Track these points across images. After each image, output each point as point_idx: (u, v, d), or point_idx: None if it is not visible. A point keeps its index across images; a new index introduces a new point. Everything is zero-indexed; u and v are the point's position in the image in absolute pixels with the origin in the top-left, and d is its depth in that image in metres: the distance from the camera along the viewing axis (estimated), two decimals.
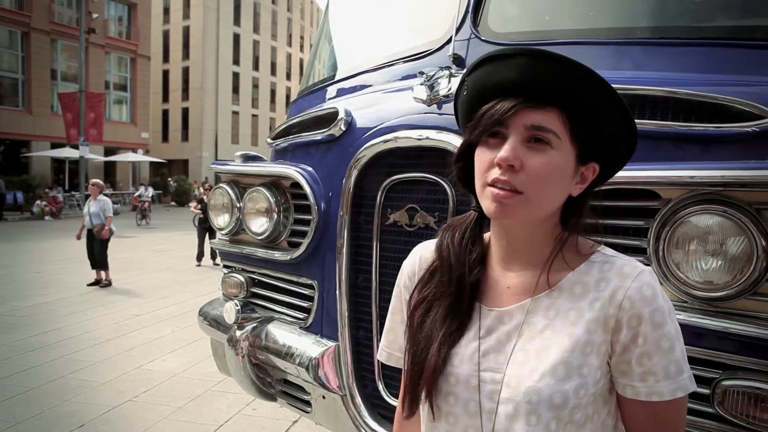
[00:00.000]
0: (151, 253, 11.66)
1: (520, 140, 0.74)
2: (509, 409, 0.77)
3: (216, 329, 2.32)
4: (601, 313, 0.76)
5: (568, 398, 0.74)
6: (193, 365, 4.54)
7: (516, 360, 0.78)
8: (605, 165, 0.82)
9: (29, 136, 26.45)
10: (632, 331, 0.75)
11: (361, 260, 1.84)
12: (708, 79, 1.38)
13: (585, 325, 0.76)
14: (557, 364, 0.75)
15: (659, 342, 0.75)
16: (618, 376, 0.78)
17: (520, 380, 0.76)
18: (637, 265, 0.79)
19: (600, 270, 0.79)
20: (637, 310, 0.75)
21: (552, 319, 0.79)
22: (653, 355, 0.74)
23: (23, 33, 26.30)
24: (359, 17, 2.56)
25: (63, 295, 7.25)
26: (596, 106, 0.76)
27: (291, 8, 50.10)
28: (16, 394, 3.85)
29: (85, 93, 20.81)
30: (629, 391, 0.77)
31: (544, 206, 0.77)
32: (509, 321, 0.81)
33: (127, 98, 32.30)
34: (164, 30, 41.17)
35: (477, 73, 0.80)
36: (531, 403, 0.75)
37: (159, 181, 32.01)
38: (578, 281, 0.80)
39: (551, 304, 0.80)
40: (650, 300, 0.75)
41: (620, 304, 0.75)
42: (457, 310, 0.84)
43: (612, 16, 1.68)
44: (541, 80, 0.74)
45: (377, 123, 1.80)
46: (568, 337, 0.76)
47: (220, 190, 2.29)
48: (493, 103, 0.76)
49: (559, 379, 0.74)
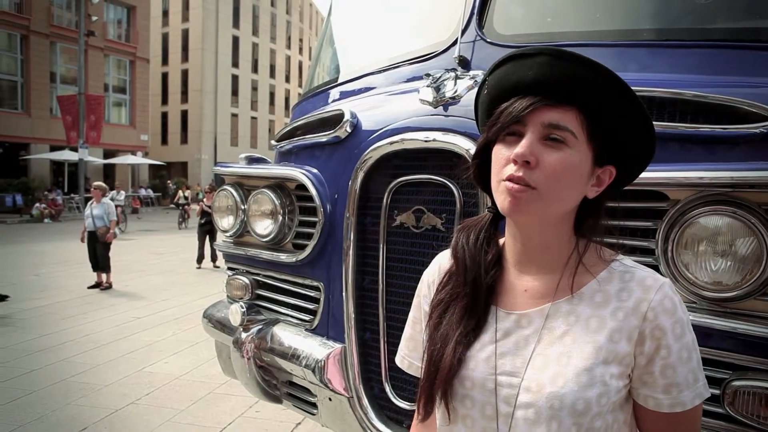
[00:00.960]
0: (151, 255, 11.65)
1: (537, 138, 0.74)
2: (529, 414, 0.76)
3: (221, 331, 2.31)
4: (625, 324, 0.77)
5: (591, 405, 0.74)
6: (195, 367, 4.53)
7: (535, 365, 0.78)
8: (622, 169, 0.82)
9: (28, 138, 26.44)
10: (656, 343, 0.76)
11: (368, 262, 1.84)
12: (715, 81, 1.38)
13: (608, 333, 0.77)
14: (581, 371, 0.75)
15: (680, 353, 0.76)
16: (639, 387, 0.78)
17: (541, 385, 0.76)
18: (658, 277, 0.80)
19: (621, 279, 0.80)
20: (660, 322, 0.75)
21: (572, 325, 0.79)
22: (677, 366, 0.76)
23: (22, 36, 26.30)
24: (363, 19, 2.56)
25: (63, 297, 7.24)
26: (615, 109, 0.76)
27: (290, 11, 50.16)
28: (18, 396, 3.84)
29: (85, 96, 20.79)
30: (651, 402, 0.77)
31: (557, 204, 0.77)
32: (528, 325, 0.81)
33: (127, 101, 32.30)
34: (163, 33, 41.20)
35: (498, 72, 0.81)
36: (553, 408, 0.74)
37: (158, 183, 31.97)
38: (599, 289, 0.80)
39: (571, 310, 0.80)
40: (672, 312, 0.76)
41: (644, 315, 0.76)
42: (473, 311, 0.84)
43: (617, 18, 1.69)
44: (560, 80, 0.74)
45: (383, 125, 1.80)
46: (591, 345, 0.76)
47: (224, 192, 2.29)
48: (512, 101, 0.77)
49: (582, 386, 0.74)
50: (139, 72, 32.41)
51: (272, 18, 47.11)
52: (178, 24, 40.87)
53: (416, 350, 0.95)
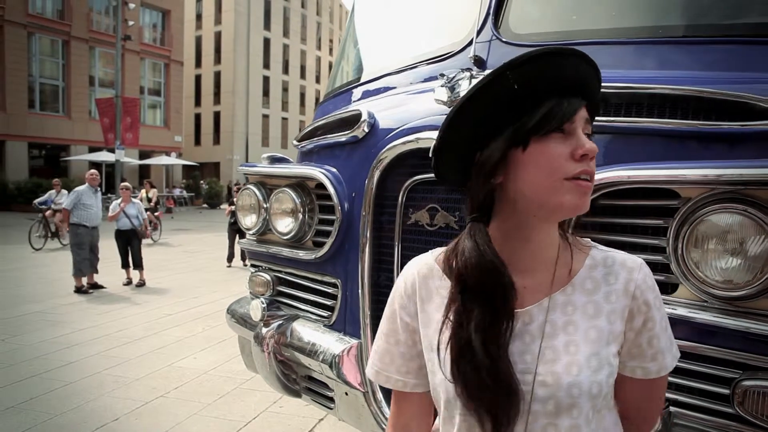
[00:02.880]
0: (183, 254, 11.93)
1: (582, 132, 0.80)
2: (549, 407, 0.77)
3: (243, 326, 2.38)
4: (617, 305, 0.82)
5: (603, 386, 0.79)
6: (222, 363, 4.64)
7: (545, 358, 0.79)
8: None
9: (68, 140, 27.46)
10: (643, 317, 0.83)
11: (384, 259, 1.87)
12: (731, 77, 1.36)
13: (606, 316, 0.82)
14: (590, 356, 0.79)
15: (661, 322, 0.85)
16: (628, 360, 0.84)
17: (558, 377, 0.78)
18: (635, 257, 0.87)
19: (604, 264, 0.85)
20: (646, 297, 0.83)
21: (571, 315, 0.82)
22: (660, 335, 0.85)
23: (64, 41, 27.33)
24: (382, 21, 2.60)
25: (98, 294, 7.49)
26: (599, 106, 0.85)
27: (320, 12, 50.59)
28: (56, 387, 4.01)
29: (121, 98, 21.40)
30: (639, 372, 0.84)
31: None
32: (531, 321, 0.82)
33: (161, 103, 33.16)
34: (197, 36, 42.07)
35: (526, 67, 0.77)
36: (573, 396, 0.77)
37: (191, 183, 32.68)
38: (587, 276, 0.84)
39: (567, 300, 0.83)
40: (653, 287, 0.85)
41: (633, 294, 0.83)
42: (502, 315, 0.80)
43: (634, 15, 1.68)
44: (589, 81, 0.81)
45: (399, 124, 1.83)
46: (594, 330, 0.81)
47: (247, 191, 2.35)
48: (561, 100, 0.78)
49: (594, 370, 0.79)
50: (174, 74, 33.22)
51: (303, 19, 47.60)
52: (211, 27, 41.69)
53: (393, 364, 0.92)
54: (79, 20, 27.55)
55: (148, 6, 31.65)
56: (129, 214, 8.05)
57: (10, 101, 25.08)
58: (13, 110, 25.15)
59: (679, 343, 1.30)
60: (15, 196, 22.99)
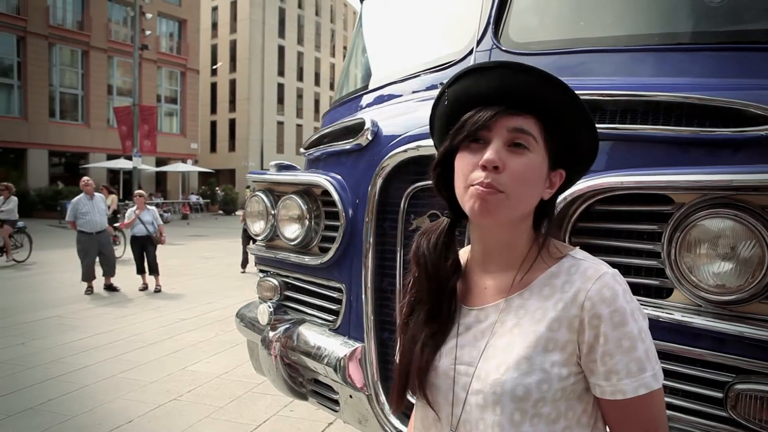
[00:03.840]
0: (198, 259, 12.07)
1: (503, 143, 0.80)
2: (479, 400, 0.83)
3: (252, 330, 2.43)
4: (564, 313, 0.80)
5: (531, 391, 0.79)
6: (235, 367, 4.70)
7: (486, 355, 0.84)
8: (570, 172, 0.88)
9: (87, 148, 27.99)
10: (594, 331, 0.78)
11: (386, 264, 1.91)
12: (722, 84, 1.38)
13: (548, 323, 0.81)
14: (521, 359, 0.80)
15: (620, 341, 0.78)
16: (588, 375, 0.81)
17: (488, 373, 0.82)
18: (601, 267, 0.83)
19: (567, 272, 0.84)
20: (597, 311, 0.78)
21: (521, 318, 0.84)
22: (615, 354, 0.78)
23: (83, 51, 27.90)
24: (387, 32, 2.64)
25: (115, 299, 7.63)
26: (568, 116, 0.82)
27: (334, 19, 50.97)
28: (72, 390, 4.09)
29: (139, 106, 21.76)
30: (597, 390, 0.81)
31: (522, 206, 0.82)
32: (485, 319, 0.87)
33: (177, 110, 33.64)
34: (212, 44, 42.65)
35: (456, 86, 0.86)
36: (496, 394, 0.80)
37: (206, 190, 33.04)
38: (547, 283, 0.84)
39: (522, 304, 0.85)
40: (610, 301, 0.78)
41: (582, 304, 0.79)
42: (437, 315, 0.90)
43: (629, 24, 1.70)
44: (522, 90, 0.81)
45: (401, 132, 1.87)
46: (533, 335, 0.81)
47: (256, 198, 2.41)
48: (476, 111, 0.82)
49: (522, 373, 0.79)
50: (190, 82, 33.70)
51: (317, 27, 48.00)
52: (226, 35, 42.23)
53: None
54: (98, 31, 28.13)
55: (165, 16, 32.17)
56: (144, 221, 8.19)
57: (31, 110, 25.65)
58: (35, 119, 25.72)
59: (673, 346, 1.32)
60: (36, 203, 23.46)
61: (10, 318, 6.32)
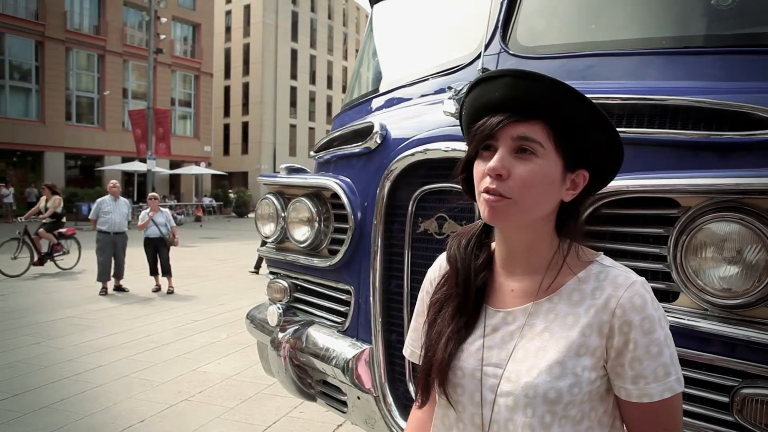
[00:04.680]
0: (211, 262, 12.17)
1: (508, 151, 0.82)
2: (509, 402, 0.84)
3: (261, 332, 2.45)
4: (596, 319, 0.83)
5: (562, 395, 0.81)
6: (245, 369, 4.74)
7: (516, 357, 0.85)
8: (596, 173, 0.87)
9: (103, 151, 28.38)
10: (624, 337, 0.81)
11: (394, 267, 1.92)
12: (730, 87, 1.38)
13: (580, 329, 0.83)
14: (553, 363, 0.82)
15: (648, 347, 0.80)
16: (613, 378, 0.84)
17: (519, 376, 0.83)
18: (631, 275, 0.85)
19: (596, 279, 0.86)
20: (628, 318, 0.81)
21: (551, 322, 0.85)
22: (643, 359, 0.80)
23: (99, 56, 28.30)
24: (396, 36, 2.66)
25: (129, 300, 7.72)
26: (574, 118, 0.82)
27: (346, 23, 51.17)
28: (86, 389, 4.15)
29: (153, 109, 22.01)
30: (623, 392, 0.83)
31: (533, 209, 0.83)
32: (513, 322, 0.88)
33: (191, 114, 33.97)
34: (226, 48, 42.99)
35: (471, 95, 0.89)
36: (528, 396, 0.82)
37: (220, 192, 33.29)
38: (576, 288, 0.86)
39: (551, 308, 0.86)
40: (640, 308, 0.81)
41: (613, 311, 0.82)
42: (463, 310, 0.92)
43: (638, 28, 1.70)
44: (524, 97, 0.82)
45: (410, 136, 1.88)
46: (565, 340, 0.83)
47: (266, 201, 2.43)
48: (484, 120, 0.84)
49: (555, 377, 0.81)
50: (203, 86, 34.02)
51: (329, 30, 48.22)
52: (239, 39, 42.57)
53: (418, 340, 1.03)
54: (114, 35, 28.54)
55: (179, 20, 32.54)
56: (157, 222, 8.29)
57: (48, 114, 26.07)
58: (52, 122, 26.13)
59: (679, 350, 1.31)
60: None
61: (27, 318, 6.42)
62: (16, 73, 25.78)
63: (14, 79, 25.56)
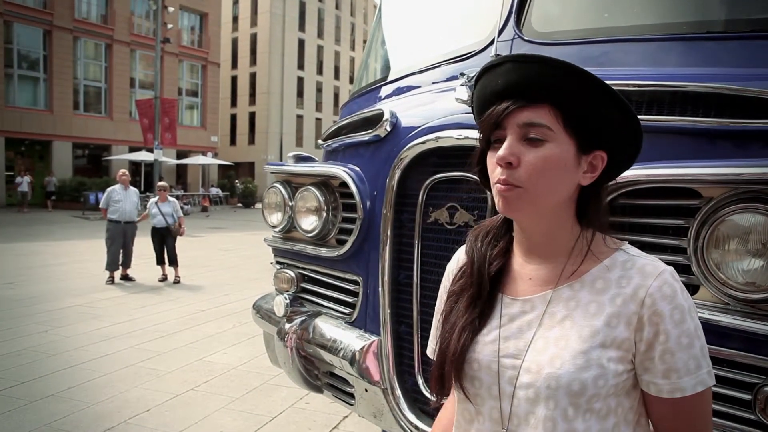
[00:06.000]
0: (217, 252, 12.19)
1: (517, 139, 0.78)
2: (530, 394, 0.80)
3: (268, 322, 2.43)
4: (623, 309, 0.79)
5: (587, 387, 0.77)
6: (251, 359, 4.73)
7: (536, 347, 0.82)
8: (614, 154, 0.83)
9: (110, 140, 28.43)
10: (654, 328, 0.77)
11: (404, 257, 1.88)
12: (753, 74, 1.33)
13: (606, 318, 0.79)
14: (577, 353, 0.78)
15: (680, 339, 0.77)
16: (642, 373, 0.80)
17: (540, 366, 0.80)
18: (659, 264, 0.81)
19: (622, 267, 0.82)
20: (659, 308, 0.77)
21: (572, 310, 0.82)
22: (675, 352, 0.77)
23: (107, 45, 28.29)
24: (407, 22, 2.61)
25: (135, 289, 7.74)
26: (581, 97, 0.78)
27: (354, 13, 50.88)
28: (93, 378, 4.16)
29: (160, 99, 21.99)
30: (653, 388, 0.79)
31: (546, 196, 0.80)
32: (531, 310, 0.85)
33: (198, 104, 33.94)
34: (233, 38, 42.92)
35: (478, 85, 0.86)
36: (550, 388, 0.78)
37: (226, 183, 33.34)
38: (600, 276, 0.82)
39: (572, 295, 0.83)
40: (671, 298, 0.78)
41: (642, 301, 0.78)
42: (478, 299, 0.89)
43: (655, 12, 1.65)
44: (527, 81, 0.78)
45: (421, 123, 1.84)
46: (589, 329, 0.79)
47: (273, 190, 2.40)
48: (490, 110, 0.81)
49: (578, 368, 0.77)
50: (210, 76, 33.95)
51: (337, 20, 47.98)
52: (247, 29, 42.46)
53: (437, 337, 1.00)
54: (122, 24, 28.48)
55: (187, 9, 32.43)
56: (164, 212, 8.29)
57: (56, 103, 26.11)
58: (60, 112, 26.17)
59: None
60: (60, 194, 23.91)
61: (36, 306, 6.45)
62: (24, 62, 25.80)
63: (22, 68, 25.60)
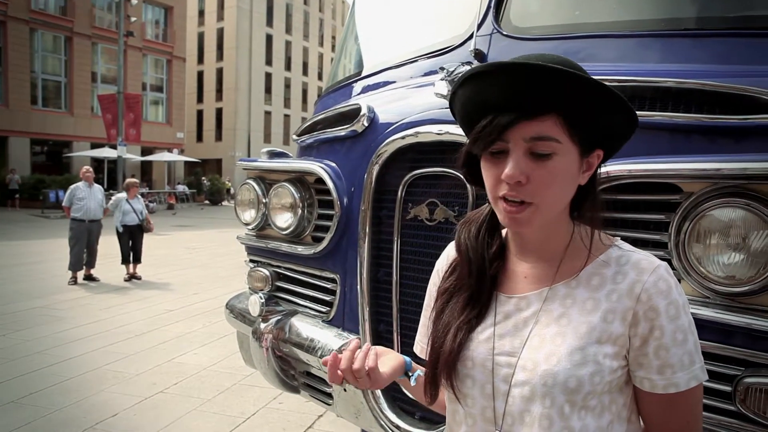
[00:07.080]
0: (184, 250, 11.93)
1: (523, 153, 0.74)
2: (525, 392, 0.79)
3: (242, 322, 2.37)
4: (619, 305, 0.78)
5: (583, 384, 0.76)
6: (222, 359, 4.64)
7: (532, 345, 0.80)
8: (608, 149, 0.83)
9: (71, 136, 27.51)
10: (650, 324, 0.77)
11: (383, 254, 1.86)
12: (735, 71, 1.34)
13: (602, 314, 0.79)
14: (574, 349, 0.77)
15: (674, 334, 0.77)
16: (636, 368, 0.80)
17: (536, 364, 0.78)
18: (654, 260, 0.81)
19: (617, 263, 0.82)
20: (654, 303, 0.77)
21: (569, 308, 0.81)
22: (670, 347, 0.77)
23: (66, 38, 27.35)
24: (383, 15, 2.57)
25: (100, 289, 7.50)
26: (589, 103, 0.75)
27: (323, 8, 50.52)
28: (57, 382, 4.01)
29: (124, 94, 21.40)
30: (647, 384, 0.79)
31: (554, 209, 0.79)
32: (527, 308, 0.84)
33: (163, 99, 33.17)
34: (199, 32, 42.08)
35: (462, 91, 0.79)
36: (546, 385, 0.77)
37: (193, 180, 32.71)
38: (595, 273, 0.82)
39: (568, 293, 0.82)
40: (666, 293, 0.78)
41: (638, 296, 0.78)
42: (476, 301, 0.87)
43: (635, 8, 1.66)
44: (531, 93, 0.73)
45: (399, 118, 1.82)
46: (585, 325, 0.78)
47: (246, 186, 2.34)
48: (490, 119, 0.75)
49: (575, 364, 0.77)
50: (176, 71, 33.21)
51: (305, 16, 47.55)
52: (213, 23, 41.69)
53: (427, 335, 0.97)
54: (82, 16, 27.56)
55: (151, 2, 31.62)
56: (135, 209, 8.08)
57: (12, 97, 25.10)
58: (16, 106, 25.18)
59: None
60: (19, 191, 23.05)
61: None
62: None
63: None
